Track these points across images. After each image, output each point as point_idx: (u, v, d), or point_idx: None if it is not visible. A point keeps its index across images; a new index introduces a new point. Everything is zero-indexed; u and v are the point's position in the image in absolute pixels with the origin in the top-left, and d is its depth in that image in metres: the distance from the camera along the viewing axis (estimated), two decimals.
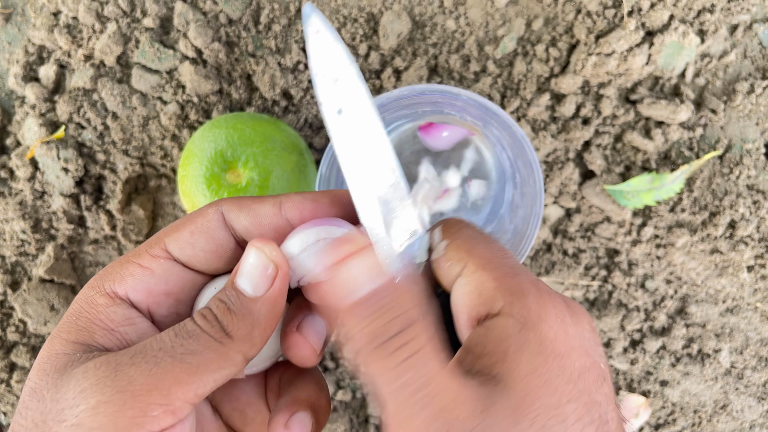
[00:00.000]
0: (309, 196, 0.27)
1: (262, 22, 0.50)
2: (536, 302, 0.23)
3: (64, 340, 0.24)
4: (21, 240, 0.52)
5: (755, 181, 0.52)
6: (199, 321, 0.24)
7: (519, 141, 0.33)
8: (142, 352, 0.23)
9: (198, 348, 0.23)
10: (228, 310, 0.24)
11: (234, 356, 0.24)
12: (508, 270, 0.24)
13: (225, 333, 0.24)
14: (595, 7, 0.49)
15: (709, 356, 0.55)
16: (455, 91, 0.32)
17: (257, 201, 0.27)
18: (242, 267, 0.25)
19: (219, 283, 0.27)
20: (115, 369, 0.22)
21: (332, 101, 0.25)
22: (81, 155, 0.51)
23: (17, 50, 0.52)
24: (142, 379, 0.22)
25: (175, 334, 0.24)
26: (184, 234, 0.26)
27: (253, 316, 0.24)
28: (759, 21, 0.51)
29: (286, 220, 0.27)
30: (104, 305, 0.25)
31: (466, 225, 0.27)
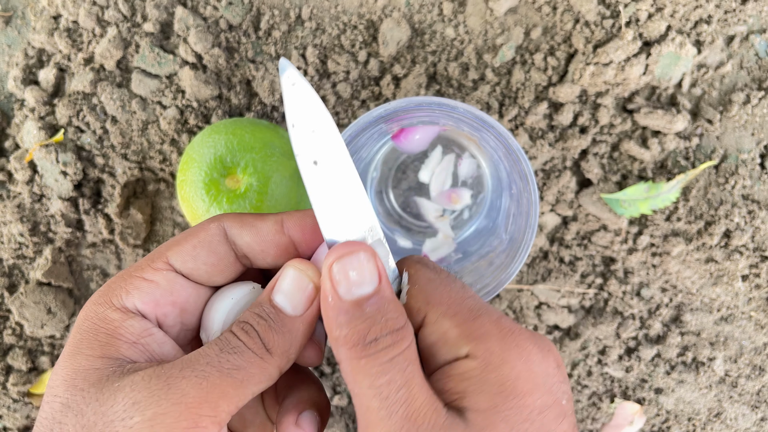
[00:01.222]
0: (310, 213, 0.28)
1: (262, 28, 0.50)
2: (499, 344, 0.24)
3: (89, 356, 0.25)
4: (19, 243, 0.53)
5: (750, 191, 0.53)
6: (243, 337, 0.25)
7: (514, 153, 0.34)
8: (190, 366, 0.24)
9: (242, 363, 0.24)
10: (269, 328, 0.25)
11: (272, 371, 0.25)
12: (469, 314, 0.25)
13: (266, 349, 0.25)
14: (593, 17, 0.49)
15: (704, 364, 0.56)
16: (452, 103, 0.32)
17: (259, 218, 0.28)
18: (281, 285, 0.26)
19: (226, 294, 0.28)
20: (167, 382, 0.23)
21: (308, 152, 0.26)
22: (80, 159, 0.51)
23: (17, 53, 0.52)
24: (194, 393, 0.23)
25: (220, 349, 0.25)
26: (186, 247, 0.27)
27: (292, 334, 0.26)
28: (755, 32, 0.52)
29: (289, 237, 0.28)
30: (120, 319, 0.26)
31: (423, 266, 0.27)
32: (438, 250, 0.48)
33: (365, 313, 0.24)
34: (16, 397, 0.54)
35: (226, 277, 0.28)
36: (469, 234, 0.48)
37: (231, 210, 0.43)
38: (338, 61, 0.50)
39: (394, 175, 0.48)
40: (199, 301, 0.28)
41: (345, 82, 0.50)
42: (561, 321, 0.54)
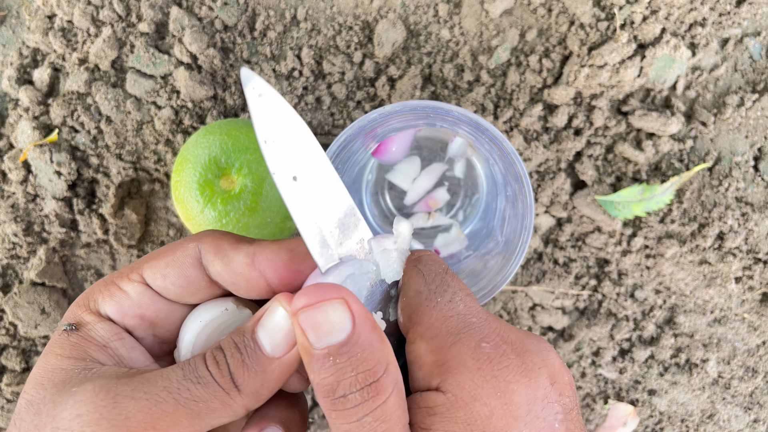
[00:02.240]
0: (284, 246, 0.26)
1: (258, 28, 0.50)
2: (471, 379, 0.23)
3: (59, 355, 0.25)
4: (12, 243, 0.52)
5: (744, 194, 0.53)
6: (212, 367, 0.24)
7: (509, 156, 0.34)
8: (144, 386, 0.23)
9: (204, 396, 0.23)
10: (242, 363, 0.24)
11: (237, 409, 0.24)
12: (447, 338, 0.24)
13: (234, 385, 0.23)
14: (588, 20, 0.49)
15: (697, 366, 0.56)
16: (446, 107, 0.32)
17: (233, 248, 0.26)
18: (266, 321, 0.24)
19: (196, 315, 0.27)
20: (114, 400, 0.22)
21: (285, 169, 0.24)
22: (74, 159, 0.51)
23: (11, 53, 0.52)
24: (140, 417, 0.22)
25: (184, 376, 0.23)
26: (160, 264, 0.27)
27: (265, 375, 0.24)
28: (750, 35, 0.52)
29: (259, 272, 0.26)
30: (92, 322, 0.26)
31: (418, 273, 0.26)
32: (449, 246, 0.48)
33: (335, 364, 0.22)
34: (10, 398, 0.54)
35: (198, 298, 0.27)
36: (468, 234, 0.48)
37: (225, 211, 0.43)
38: (333, 62, 0.50)
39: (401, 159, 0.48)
40: (173, 316, 0.28)
41: (340, 83, 0.50)
42: (555, 322, 0.55)
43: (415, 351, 0.24)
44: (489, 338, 0.24)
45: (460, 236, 0.47)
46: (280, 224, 0.45)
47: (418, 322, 0.25)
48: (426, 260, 0.27)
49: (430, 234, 0.48)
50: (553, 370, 0.24)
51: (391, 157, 0.46)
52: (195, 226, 0.44)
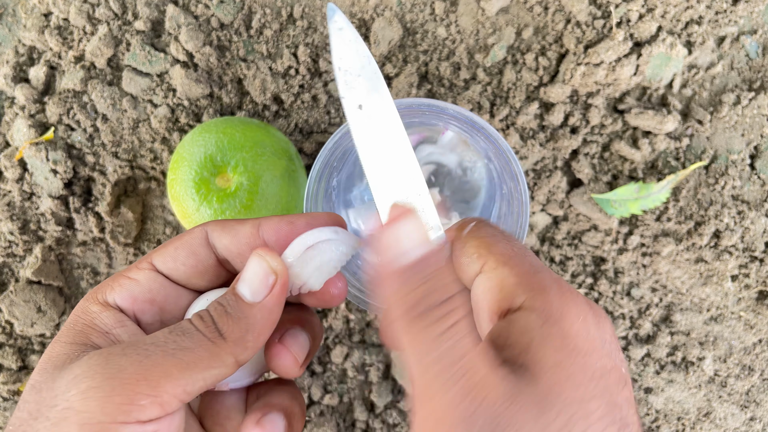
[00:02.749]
0: (285, 219, 0.28)
1: (254, 26, 0.50)
2: (558, 299, 0.23)
3: (63, 342, 0.26)
4: (8, 241, 0.52)
5: (740, 192, 0.53)
6: (195, 321, 0.25)
7: (504, 154, 0.34)
8: (134, 345, 0.24)
9: (190, 345, 0.24)
10: (225, 313, 0.25)
11: (225, 357, 0.24)
12: (530, 267, 0.24)
13: (219, 333, 0.25)
14: (584, 18, 0.49)
15: (693, 364, 0.56)
16: (442, 105, 0.32)
17: (239, 222, 0.28)
18: (244, 273, 0.26)
19: (203, 297, 0.28)
20: (106, 358, 0.23)
21: (353, 96, 0.26)
22: (70, 157, 0.51)
23: (7, 51, 0.52)
24: (132, 369, 0.22)
25: (170, 332, 0.24)
26: (169, 249, 0.28)
27: (248, 321, 0.25)
28: (746, 33, 0.52)
29: (263, 240, 0.28)
30: (97, 312, 0.27)
31: (486, 223, 0.27)
32: None
33: (414, 281, 0.23)
34: (6, 396, 0.54)
35: (206, 280, 0.29)
36: None
37: (221, 209, 0.43)
38: (330, 60, 0.50)
39: None
40: (180, 302, 0.29)
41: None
42: None
43: (497, 275, 0.24)
44: (563, 280, 0.25)
45: None
46: None
47: (499, 252, 0.25)
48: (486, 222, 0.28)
49: None
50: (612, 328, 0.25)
51: None
52: (191, 225, 0.44)
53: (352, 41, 0.26)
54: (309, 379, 0.54)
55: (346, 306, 0.53)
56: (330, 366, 0.54)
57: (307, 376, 0.54)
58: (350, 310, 0.54)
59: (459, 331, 0.22)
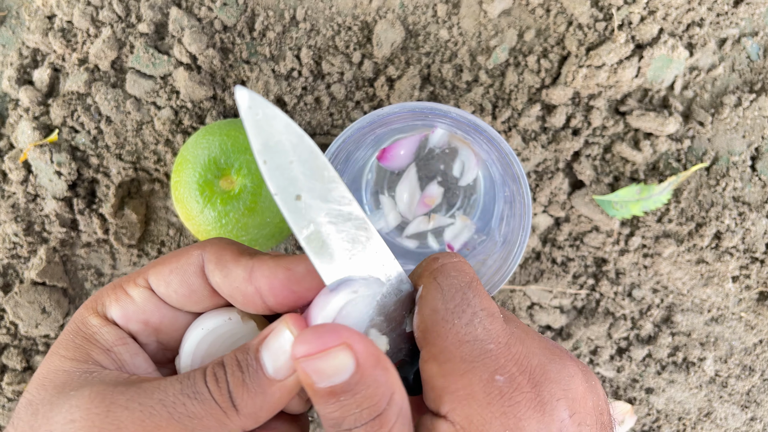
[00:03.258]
0: (282, 265, 0.25)
1: (257, 29, 0.50)
2: (480, 413, 0.22)
3: (62, 357, 0.25)
4: (13, 243, 0.53)
5: (741, 193, 0.53)
6: (210, 384, 0.23)
7: (506, 157, 0.34)
8: (139, 396, 0.22)
9: (200, 413, 0.22)
10: (243, 383, 0.23)
11: (233, 429, 0.23)
12: (460, 365, 0.23)
13: (233, 405, 0.23)
14: (586, 20, 0.50)
15: (694, 364, 0.56)
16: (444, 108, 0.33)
17: (234, 260, 0.26)
18: (271, 341, 0.24)
19: (198, 324, 0.27)
20: (107, 408, 0.22)
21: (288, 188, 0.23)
22: (74, 159, 0.51)
23: (11, 53, 0.52)
24: (132, 428, 0.22)
25: (181, 390, 0.23)
26: (164, 271, 0.26)
27: (265, 398, 0.23)
28: (747, 35, 0.52)
29: (255, 288, 0.25)
30: (98, 326, 0.26)
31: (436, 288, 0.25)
32: (459, 237, 0.47)
33: (339, 401, 0.22)
34: (11, 396, 0.54)
35: (202, 307, 0.27)
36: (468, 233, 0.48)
37: (225, 211, 0.43)
38: (332, 62, 0.50)
39: (389, 177, 0.48)
40: (177, 323, 0.27)
41: (339, 83, 0.51)
42: (553, 321, 0.55)
43: (427, 371, 0.24)
44: (505, 368, 0.23)
45: (466, 223, 0.47)
46: (279, 224, 0.45)
47: (432, 342, 0.24)
48: (448, 271, 0.26)
49: (437, 232, 0.49)
50: (573, 400, 0.24)
51: (397, 163, 0.46)
52: (195, 226, 0.45)
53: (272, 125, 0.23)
54: None
55: None
56: None
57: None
58: None
59: None
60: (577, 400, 0.24)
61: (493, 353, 0.23)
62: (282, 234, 0.46)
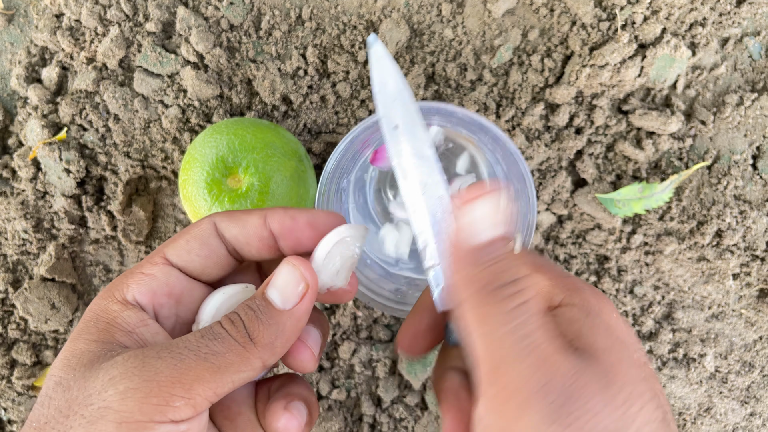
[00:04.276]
0: (289, 213, 0.29)
1: (263, 28, 0.51)
2: (593, 296, 0.25)
3: (86, 340, 0.26)
4: (23, 239, 0.53)
5: (742, 192, 0.54)
6: (227, 325, 0.26)
7: (512, 156, 0.34)
8: (168, 348, 0.24)
9: (222, 349, 0.25)
10: (256, 318, 0.26)
11: (254, 361, 0.25)
12: (561, 273, 0.27)
13: (249, 338, 0.25)
14: (589, 20, 0.50)
15: (695, 360, 0.57)
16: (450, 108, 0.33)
17: (245, 213, 0.30)
18: (275, 280, 0.27)
19: (218, 291, 0.29)
20: (143, 361, 0.24)
21: (390, 118, 0.29)
22: (83, 157, 0.52)
23: (20, 51, 0.53)
24: (167, 372, 0.24)
25: (202, 335, 0.25)
26: (181, 242, 0.29)
27: (278, 327, 0.26)
28: (749, 34, 0.52)
29: (269, 230, 0.29)
30: (119, 310, 0.27)
31: None
32: None
33: (488, 260, 0.24)
34: (21, 391, 0.55)
35: (219, 270, 0.30)
36: None
37: (232, 209, 0.44)
38: (338, 61, 0.51)
39: (392, 174, 0.49)
40: (195, 294, 0.29)
41: (344, 82, 0.51)
42: None
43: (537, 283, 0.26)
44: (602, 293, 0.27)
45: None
46: None
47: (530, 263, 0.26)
48: None
49: None
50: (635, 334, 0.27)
51: (389, 163, 0.46)
52: None
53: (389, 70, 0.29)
54: (317, 375, 0.55)
55: (353, 303, 0.54)
56: (338, 362, 0.55)
57: (316, 371, 0.55)
58: (357, 307, 0.54)
59: (529, 309, 0.23)
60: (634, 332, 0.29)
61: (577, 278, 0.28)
62: None
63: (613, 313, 0.25)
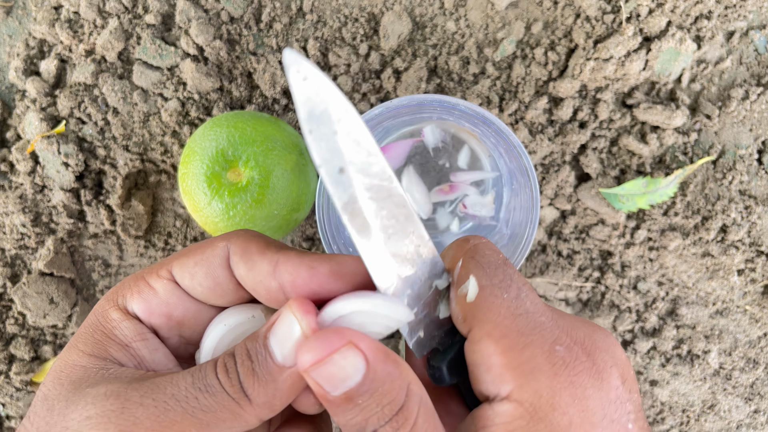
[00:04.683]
0: (306, 262, 0.25)
1: (264, 20, 0.50)
2: (548, 385, 0.21)
3: (80, 351, 0.25)
4: (21, 233, 0.53)
5: (747, 187, 0.53)
6: (221, 375, 0.23)
7: (514, 149, 0.34)
8: (152, 392, 0.22)
9: (213, 405, 0.22)
10: (252, 372, 0.23)
11: (249, 419, 0.23)
12: (518, 338, 0.22)
13: (245, 395, 0.23)
14: (594, 13, 0.49)
15: (699, 357, 0.56)
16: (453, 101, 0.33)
17: (259, 253, 0.25)
18: (278, 328, 0.23)
19: (220, 319, 0.27)
20: (122, 405, 0.22)
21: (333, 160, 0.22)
22: (81, 150, 0.52)
23: (18, 44, 0.52)
24: (148, 423, 0.21)
25: (192, 383, 0.23)
26: (189, 263, 0.26)
27: (276, 385, 0.23)
28: (755, 28, 0.52)
29: (279, 284, 0.25)
30: (118, 320, 0.26)
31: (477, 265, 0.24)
32: (476, 208, 0.46)
33: (358, 405, 0.21)
34: (19, 386, 0.54)
35: (226, 300, 0.27)
36: (470, 228, 0.49)
37: (233, 203, 0.43)
38: (339, 54, 0.50)
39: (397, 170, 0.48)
40: (201, 317, 0.27)
41: (346, 75, 0.51)
42: None
43: (481, 351, 0.23)
44: (561, 340, 0.22)
45: (485, 199, 0.46)
46: (286, 216, 0.45)
47: (483, 319, 0.23)
48: (483, 250, 0.25)
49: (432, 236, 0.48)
50: (622, 367, 0.23)
51: None
52: (202, 218, 0.45)
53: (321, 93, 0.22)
54: None
55: None
56: None
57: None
58: None
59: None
60: (625, 367, 0.23)
61: (546, 326, 0.23)
62: (289, 226, 0.47)
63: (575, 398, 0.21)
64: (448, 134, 0.45)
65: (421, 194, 0.46)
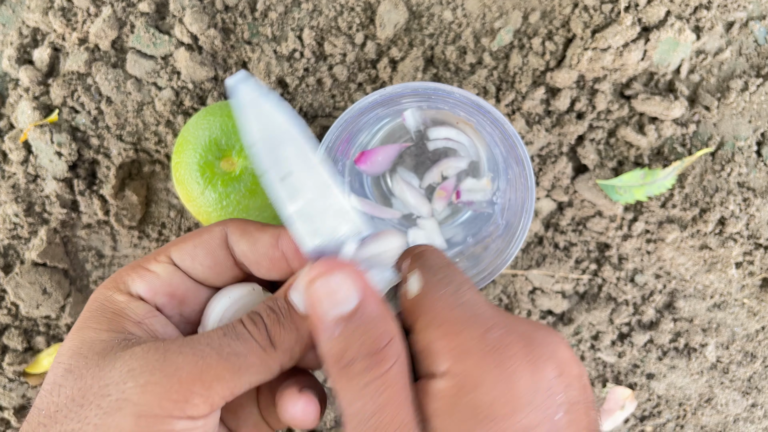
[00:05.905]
0: None
1: (259, 9, 0.50)
2: (477, 364, 0.23)
3: (96, 329, 0.26)
4: (14, 223, 0.52)
5: (746, 179, 0.53)
6: (249, 326, 0.26)
7: (510, 139, 0.33)
8: (190, 344, 0.24)
9: (243, 351, 0.25)
10: (278, 322, 0.26)
11: (273, 365, 0.25)
12: (454, 326, 0.24)
13: (271, 342, 0.25)
14: (592, 2, 0.49)
15: (696, 350, 0.56)
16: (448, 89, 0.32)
17: (259, 229, 0.28)
18: (299, 283, 0.26)
19: (224, 293, 0.29)
20: (164, 355, 0.24)
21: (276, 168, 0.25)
22: (75, 139, 0.51)
23: (11, 32, 0.52)
24: (189, 369, 0.23)
25: (224, 333, 0.25)
26: (188, 246, 0.28)
27: (299, 333, 0.26)
28: (755, 18, 0.51)
29: (282, 252, 0.28)
30: (125, 301, 0.27)
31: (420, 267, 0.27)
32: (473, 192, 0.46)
33: (344, 332, 0.24)
34: (12, 377, 0.54)
35: (224, 280, 0.29)
36: (465, 219, 0.48)
37: (226, 192, 0.43)
38: (335, 44, 0.50)
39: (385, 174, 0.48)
40: (199, 296, 0.29)
41: (342, 65, 0.50)
42: (555, 306, 0.55)
43: (422, 340, 0.24)
44: (496, 328, 0.24)
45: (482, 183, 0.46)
46: None
47: (425, 311, 0.25)
48: (427, 255, 0.27)
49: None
50: (561, 362, 0.24)
51: (374, 168, 0.45)
52: (195, 208, 0.44)
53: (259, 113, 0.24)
54: None
55: None
56: None
57: None
58: None
59: (377, 387, 0.23)
60: (564, 363, 0.24)
61: (483, 315, 0.25)
62: None
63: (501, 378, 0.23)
64: (428, 117, 0.44)
65: (415, 197, 0.46)
